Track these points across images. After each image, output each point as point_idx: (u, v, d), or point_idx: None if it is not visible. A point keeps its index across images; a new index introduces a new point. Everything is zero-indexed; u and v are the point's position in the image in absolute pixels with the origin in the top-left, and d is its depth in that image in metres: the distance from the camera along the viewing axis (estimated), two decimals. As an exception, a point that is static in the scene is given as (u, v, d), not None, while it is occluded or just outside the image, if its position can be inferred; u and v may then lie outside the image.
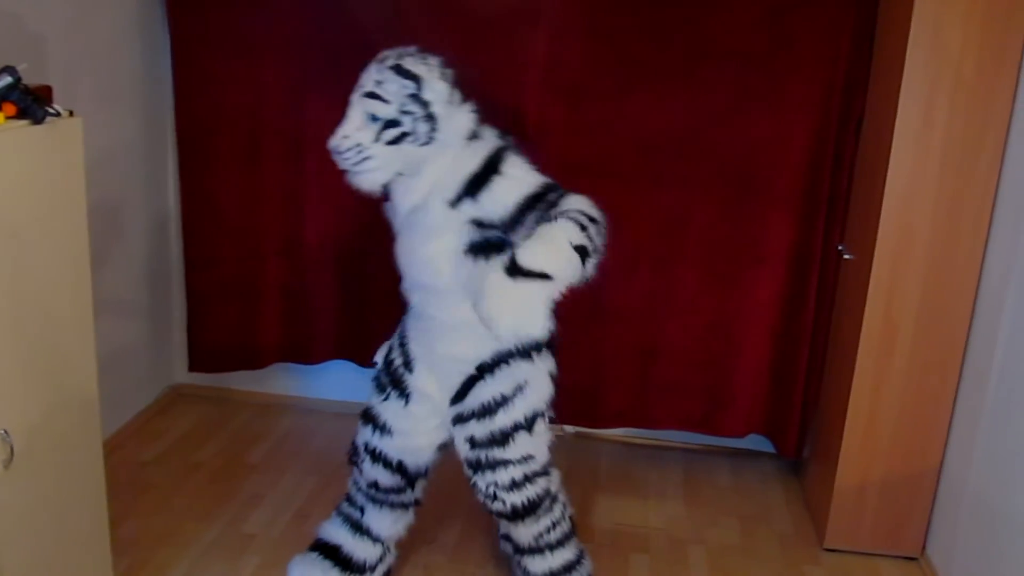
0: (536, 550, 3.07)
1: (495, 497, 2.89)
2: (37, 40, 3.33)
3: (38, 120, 2.31)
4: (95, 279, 2.66)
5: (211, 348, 4.39)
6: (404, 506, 3.14)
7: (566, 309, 3.97)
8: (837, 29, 3.60)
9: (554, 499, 3.03)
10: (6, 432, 2.28)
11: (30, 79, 2.36)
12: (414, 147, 2.64)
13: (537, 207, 2.62)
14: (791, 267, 3.88)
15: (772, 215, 3.83)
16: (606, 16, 3.73)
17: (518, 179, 2.67)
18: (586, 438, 4.42)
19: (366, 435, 3.04)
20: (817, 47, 3.63)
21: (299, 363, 4.37)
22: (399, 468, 3.00)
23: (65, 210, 2.48)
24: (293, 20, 3.92)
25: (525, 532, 3.01)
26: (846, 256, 3.63)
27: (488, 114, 2.79)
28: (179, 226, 4.34)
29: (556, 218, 2.51)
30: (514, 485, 2.89)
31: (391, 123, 2.61)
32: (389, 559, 3.23)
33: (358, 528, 3.16)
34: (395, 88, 2.60)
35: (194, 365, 4.43)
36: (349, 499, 3.20)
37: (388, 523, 3.15)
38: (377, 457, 3.01)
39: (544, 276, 2.41)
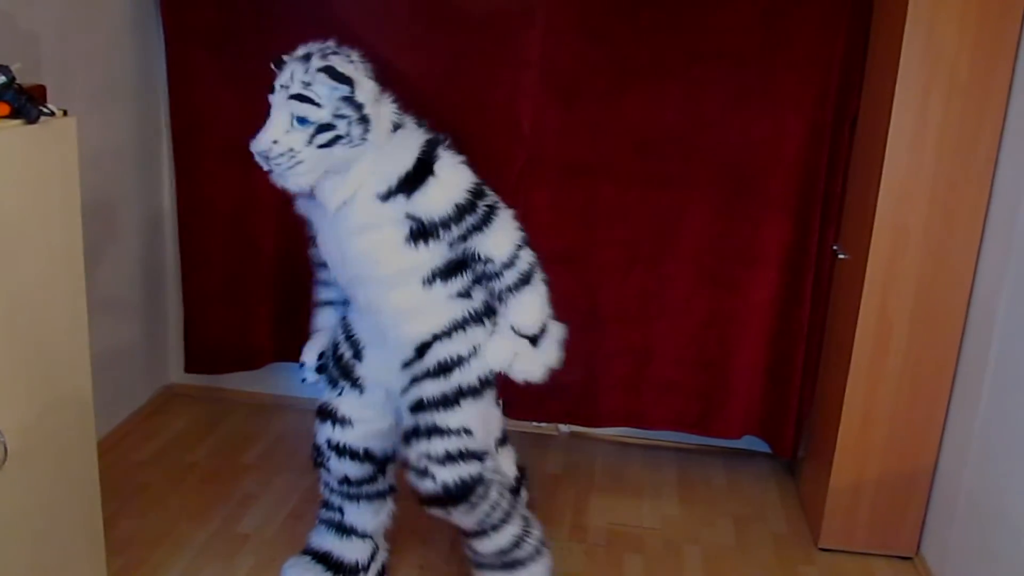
0: (481, 532, 2.93)
1: (425, 472, 2.74)
2: (31, 39, 3.32)
3: (32, 119, 2.31)
4: (89, 279, 2.65)
5: (207, 349, 4.38)
6: (381, 495, 3.13)
7: (561, 309, 4.01)
8: (831, 29, 3.60)
9: (488, 486, 2.84)
10: (0, 432, 2.27)
11: (24, 78, 2.35)
12: (346, 149, 2.58)
13: (466, 217, 2.69)
14: (786, 267, 3.88)
15: (767, 215, 3.83)
16: (601, 17, 3.73)
17: (452, 184, 2.68)
18: (581, 438, 4.42)
19: (326, 432, 3.02)
20: (811, 47, 3.63)
21: (294, 363, 4.36)
22: (367, 456, 3.01)
23: (59, 209, 2.47)
24: (285, 20, 3.92)
25: (464, 520, 2.86)
26: (841, 256, 3.63)
27: (405, 99, 2.79)
28: (174, 226, 4.34)
29: (510, 279, 2.81)
30: (448, 458, 2.75)
31: (324, 127, 2.54)
32: (381, 555, 3.23)
33: (342, 529, 3.15)
34: (326, 91, 2.53)
35: (190, 366, 4.42)
36: (326, 504, 3.18)
37: (370, 516, 3.14)
38: (343, 451, 3.00)
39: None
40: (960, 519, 3.23)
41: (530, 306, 2.85)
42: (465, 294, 2.80)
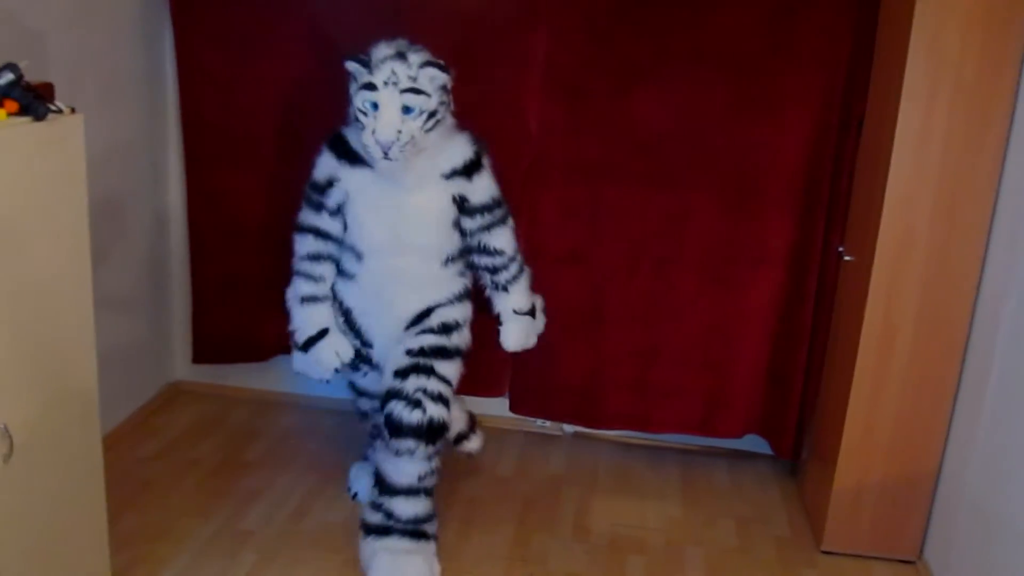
0: (412, 491, 3.21)
1: (418, 404, 3.08)
2: (38, 37, 3.33)
3: (40, 117, 2.32)
4: (95, 276, 2.66)
5: (214, 340, 4.41)
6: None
7: (566, 309, 4.02)
8: (837, 31, 3.60)
9: (445, 440, 3.27)
10: (5, 427, 2.29)
11: (32, 76, 2.37)
12: (439, 130, 3.05)
13: (495, 211, 3.26)
14: (791, 268, 3.88)
15: (772, 216, 3.83)
16: (606, 17, 3.73)
17: (492, 180, 3.26)
18: (584, 438, 4.42)
19: (366, 404, 3.58)
20: (817, 49, 3.63)
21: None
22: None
23: (66, 207, 2.48)
24: (294, 17, 3.93)
25: (412, 468, 3.16)
26: (846, 258, 3.63)
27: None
28: (180, 224, 4.36)
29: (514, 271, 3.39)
30: (440, 397, 3.13)
31: (431, 113, 2.98)
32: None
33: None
34: (428, 81, 2.97)
35: (197, 357, 4.44)
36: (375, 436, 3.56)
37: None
38: (373, 396, 3.47)
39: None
40: (963, 523, 3.23)
41: (524, 290, 3.46)
42: (462, 274, 3.34)
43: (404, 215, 3.14)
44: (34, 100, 2.31)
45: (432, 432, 3.09)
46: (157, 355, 4.47)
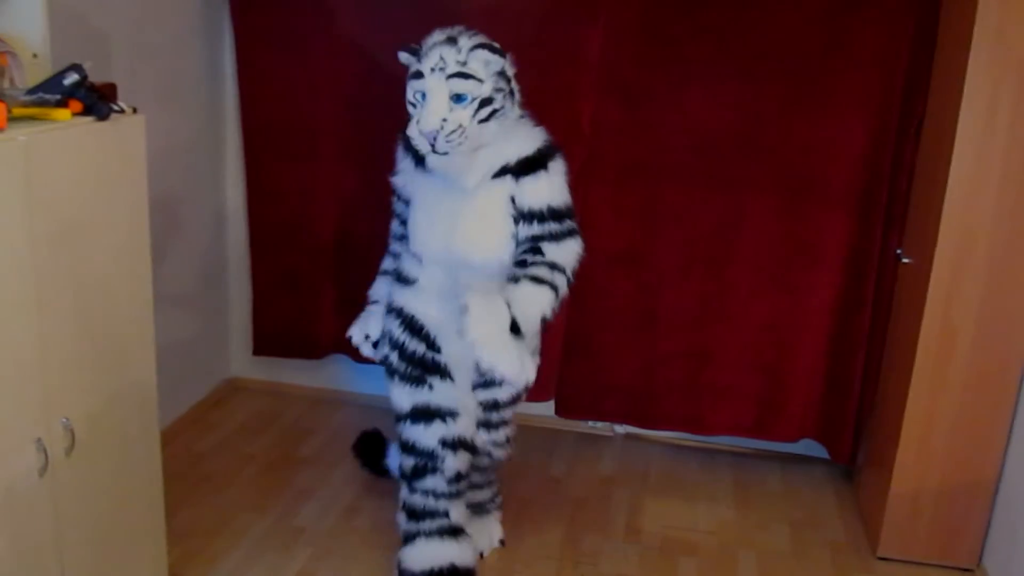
0: (484, 509, 3.38)
1: (489, 455, 3.17)
2: (102, 38, 3.40)
3: (102, 117, 2.36)
4: (154, 273, 2.70)
5: (273, 333, 4.48)
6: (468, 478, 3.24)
7: (619, 310, 4.00)
8: (897, 29, 3.55)
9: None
10: (68, 421, 2.33)
11: (95, 77, 2.41)
12: (500, 122, 2.74)
13: (551, 223, 2.83)
14: (848, 270, 3.83)
15: (829, 217, 3.79)
16: (662, 16, 3.71)
17: (556, 187, 2.85)
18: (636, 439, 4.41)
19: (437, 432, 3.00)
20: (876, 47, 3.58)
21: (351, 358, 4.41)
22: (472, 447, 3.08)
23: (127, 205, 2.53)
24: (351, 17, 3.96)
25: (483, 484, 3.30)
26: (904, 260, 3.58)
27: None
28: (237, 222, 4.42)
29: (540, 275, 2.75)
30: (507, 442, 3.19)
31: (485, 101, 2.67)
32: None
33: (454, 532, 3.12)
34: (483, 66, 2.68)
35: (258, 349, 4.52)
36: (430, 514, 3.09)
37: (463, 510, 3.22)
38: (458, 444, 3.02)
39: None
40: (1024, 531, 3.17)
41: (538, 301, 2.77)
42: None
43: (458, 225, 2.83)
44: (97, 100, 2.35)
45: (495, 466, 3.32)
46: (214, 351, 4.54)
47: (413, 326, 3.01)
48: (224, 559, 3.31)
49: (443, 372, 3.01)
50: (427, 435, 3.02)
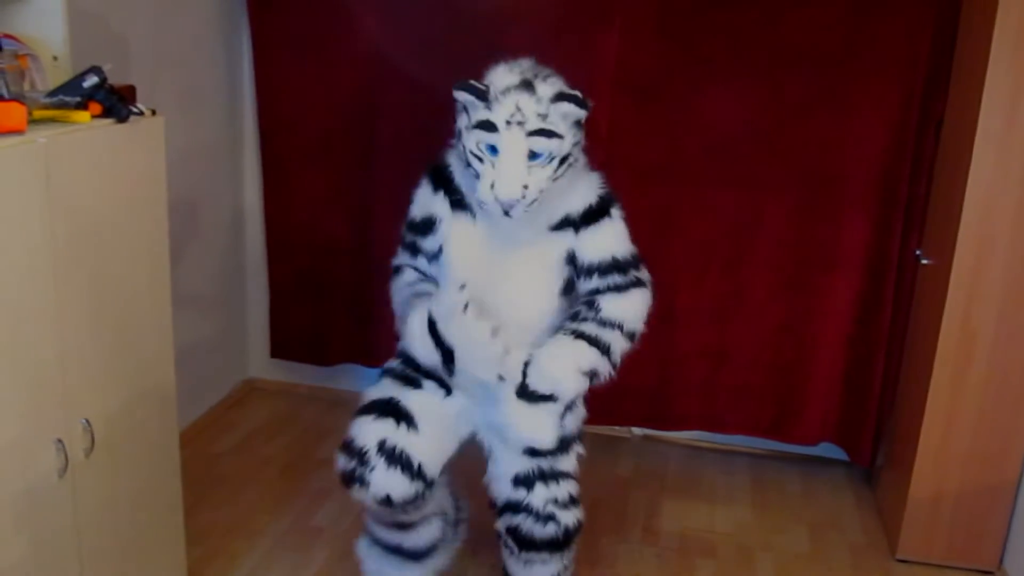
0: None
1: (550, 517, 2.64)
2: (121, 41, 3.41)
3: (122, 119, 2.37)
4: (173, 274, 2.72)
5: (290, 337, 4.50)
6: (431, 514, 2.78)
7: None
8: (917, 30, 3.53)
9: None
10: (88, 422, 2.35)
11: (115, 79, 2.42)
12: (569, 176, 2.46)
13: (615, 275, 2.58)
14: (867, 271, 3.81)
15: (848, 218, 3.77)
16: (679, 16, 3.70)
17: (620, 235, 2.61)
18: (653, 441, 4.40)
19: (381, 430, 2.54)
20: (896, 48, 3.57)
21: (364, 365, 4.42)
22: (419, 473, 2.55)
23: (146, 206, 2.54)
24: (369, 21, 3.97)
25: (548, 569, 2.76)
26: (924, 261, 3.56)
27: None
28: (255, 224, 4.44)
29: (583, 329, 2.54)
30: (571, 501, 2.70)
31: (564, 158, 2.39)
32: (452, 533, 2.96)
33: (415, 555, 2.86)
34: (561, 119, 2.37)
35: (275, 351, 4.55)
36: (378, 542, 2.87)
37: (425, 536, 2.81)
38: (395, 458, 2.52)
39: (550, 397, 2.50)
40: (1045, 533, 3.15)
41: (573, 357, 2.56)
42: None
43: (500, 280, 2.51)
44: (117, 102, 2.36)
45: (568, 539, 2.71)
46: (233, 352, 4.55)
47: (449, 365, 2.51)
48: (242, 560, 3.32)
49: (442, 383, 2.64)
50: (368, 430, 2.56)
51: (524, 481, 2.67)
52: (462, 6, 3.85)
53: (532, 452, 2.65)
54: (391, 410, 2.59)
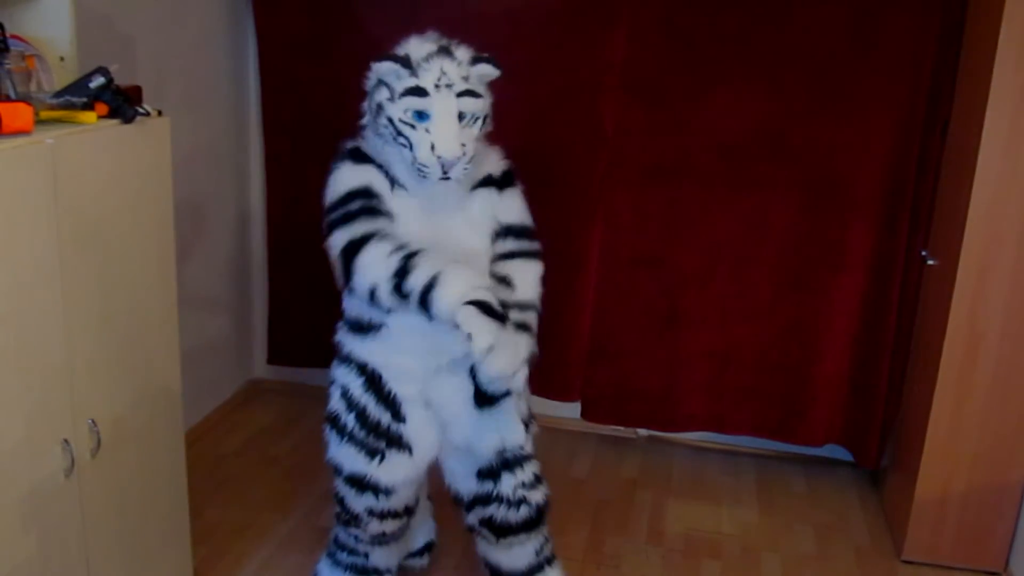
0: (538, 567, 2.87)
1: (522, 501, 2.71)
2: (128, 41, 3.42)
3: (128, 119, 2.38)
4: (179, 275, 2.72)
5: (288, 342, 4.48)
6: (405, 532, 3.00)
7: (641, 311, 4.00)
8: (923, 31, 3.53)
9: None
10: (93, 422, 2.35)
11: (121, 79, 2.43)
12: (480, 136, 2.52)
13: (524, 240, 2.63)
14: (872, 272, 3.81)
15: (853, 219, 3.77)
16: (685, 17, 3.70)
17: (524, 203, 2.68)
18: (658, 441, 4.39)
19: (366, 502, 2.74)
20: (902, 49, 3.56)
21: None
22: (406, 511, 2.84)
23: (152, 207, 2.55)
24: (373, 23, 3.97)
25: (528, 549, 2.82)
26: (930, 262, 3.55)
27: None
28: (261, 224, 4.44)
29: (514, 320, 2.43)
30: (537, 480, 2.76)
31: (484, 118, 2.49)
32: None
33: (365, 571, 3.01)
34: (478, 81, 2.48)
35: (272, 358, 4.53)
36: (348, 549, 2.98)
37: (396, 553, 3.05)
38: (384, 515, 2.78)
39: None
40: (1051, 535, 3.14)
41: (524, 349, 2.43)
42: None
43: (443, 243, 2.49)
44: (123, 103, 2.37)
45: (541, 516, 2.78)
46: (238, 352, 4.56)
47: (379, 389, 2.65)
48: (248, 560, 3.33)
49: (402, 445, 2.67)
50: (356, 501, 2.76)
51: (489, 473, 2.71)
52: (468, 7, 3.85)
53: (498, 452, 2.70)
54: (368, 486, 2.72)
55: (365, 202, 2.53)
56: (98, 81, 2.32)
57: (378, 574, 3.04)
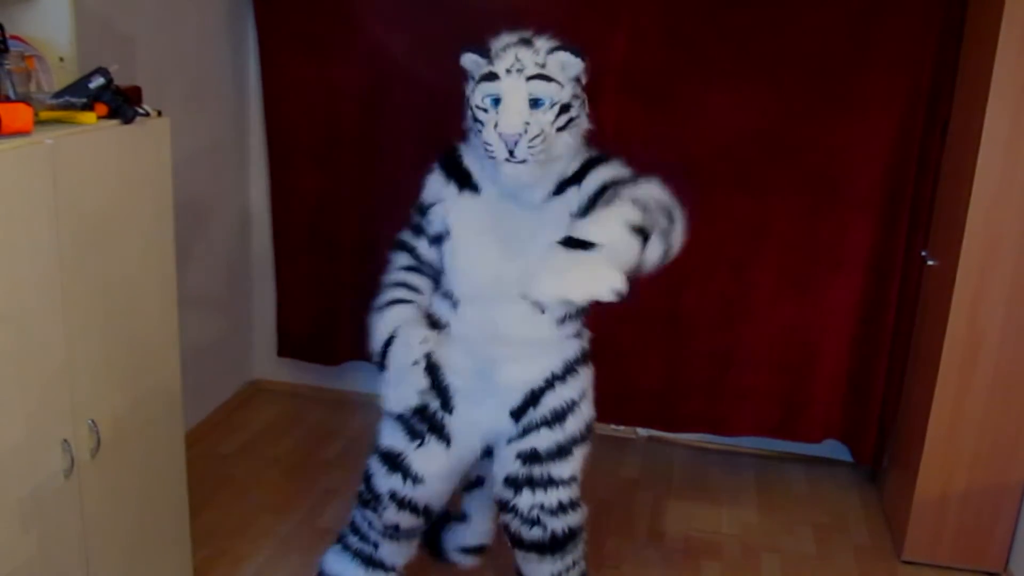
0: None
1: (536, 521, 2.64)
2: (128, 42, 3.42)
3: (128, 120, 2.38)
4: (179, 275, 2.72)
5: (297, 335, 4.51)
6: (419, 534, 2.92)
7: (641, 312, 4.00)
8: (923, 31, 3.53)
9: (583, 533, 2.78)
10: (94, 422, 2.35)
11: (121, 80, 2.43)
12: (575, 134, 2.47)
13: (614, 187, 2.45)
14: (872, 272, 3.81)
15: (853, 219, 3.77)
16: (685, 19, 3.70)
17: (622, 168, 2.57)
18: (659, 442, 4.39)
19: (393, 483, 2.70)
20: (902, 49, 3.56)
21: (369, 363, 4.41)
22: (425, 511, 2.74)
23: (152, 207, 2.55)
24: (375, 22, 3.98)
25: (547, 569, 2.75)
26: (930, 262, 3.55)
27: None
28: (261, 225, 4.45)
29: (617, 200, 2.31)
30: (560, 508, 2.66)
31: (564, 107, 2.42)
32: None
33: (371, 562, 2.90)
34: (560, 69, 2.44)
35: (282, 350, 4.56)
36: (360, 535, 2.90)
37: (404, 553, 2.91)
38: (405, 504, 2.71)
39: (590, 245, 2.09)
40: (1051, 535, 3.14)
41: (616, 211, 2.25)
42: (578, 334, 2.67)
43: (516, 249, 2.45)
44: (123, 103, 2.37)
45: (557, 544, 2.68)
46: (238, 353, 4.56)
47: (435, 377, 2.63)
48: (249, 560, 3.33)
49: (443, 435, 2.67)
50: (383, 480, 2.72)
51: (513, 483, 2.66)
52: (469, 7, 3.85)
53: (527, 458, 2.64)
54: (400, 466, 2.68)
55: (419, 219, 2.67)
56: (98, 81, 2.32)
57: (383, 569, 2.95)
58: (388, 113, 4.05)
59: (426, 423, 2.67)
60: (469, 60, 2.49)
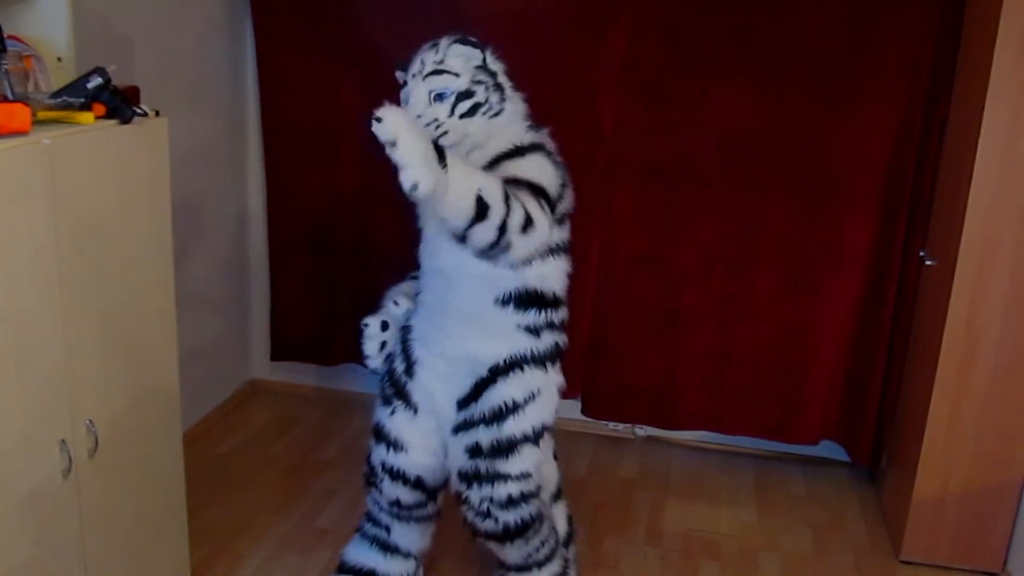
0: (524, 568, 2.92)
1: (487, 514, 2.73)
2: (125, 42, 3.42)
3: (126, 120, 2.37)
4: (177, 275, 2.72)
5: (292, 339, 4.50)
6: (429, 518, 3.02)
7: (640, 310, 4.00)
8: (922, 31, 3.53)
9: (542, 521, 2.84)
10: (91, 422, 2.35)
11: (118, 80, 2.43)
12: (486, 119, 2.56)
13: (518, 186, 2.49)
14: (870, 272, 3.81)
15: (851, 218, 3.77)
16: (684, 16, 3.70)
17: (538, 166, 2.58)
18: (657, 441, 4.39)
19: (380, 454, 2.87)
20: (901, 49, 3.56)
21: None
22: (418, 484, 2.86)
23: (150, 207, 2.54)
24: (372, 22, 3.97)
25: (513, 553, 2.84)
26: (928, 262, 3.55)
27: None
28: (259, 225, 4.45)
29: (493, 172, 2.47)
30: (510, 502, 2.72)
31: (463, 95, 2.54)
32: (420, 572, 3.14)
33: (387, 547, 3.04)
34: (461, 61, 2.57)
35: (276, 354, 4.55)
36: (372, 519, 3.05)
37: (416, 537, 3.04)
38: (396, 475, 2.85)
39: (443, 158, 2.26)
40: (1049, 535, 3.14)
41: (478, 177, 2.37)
42: (534, 331, 2.66)
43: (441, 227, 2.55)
44: (121, 103, 2.36)
45: (510, 535, 2.76)
46: (236, 353, 4.56)
47: (405, 342, 2.82)
48: (246, 561, 3.33)
49: (407, 401, 2.80)
50: (375, 454, 2.89)
51: (464, 477, 2.75)
52: (468, 6, 3.85)
53: (472, 452, 2.71)
54: (383, 436, 2.87)
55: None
56: (96, 81, 2.32)
57: (399, 554, 3.05)
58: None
59: (394, 389, 2.83)
60: (399, 75, 2.68)
